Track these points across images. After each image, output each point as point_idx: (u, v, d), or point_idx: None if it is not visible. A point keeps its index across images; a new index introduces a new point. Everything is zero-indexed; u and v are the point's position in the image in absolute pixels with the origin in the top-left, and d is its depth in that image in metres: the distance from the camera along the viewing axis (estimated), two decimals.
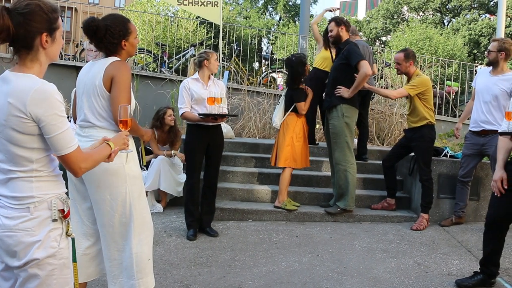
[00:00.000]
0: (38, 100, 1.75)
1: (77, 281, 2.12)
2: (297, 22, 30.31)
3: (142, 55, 11.83)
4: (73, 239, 1.99)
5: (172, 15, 18.11)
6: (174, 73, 10.54)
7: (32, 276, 1.81)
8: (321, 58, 6.72)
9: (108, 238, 2.85)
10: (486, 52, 5.17)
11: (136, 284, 2.87)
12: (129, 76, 2.80)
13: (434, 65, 12.38)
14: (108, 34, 2.75)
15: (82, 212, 2.92)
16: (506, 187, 3.50)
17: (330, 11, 7.31)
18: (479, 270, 3.82)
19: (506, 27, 24.83)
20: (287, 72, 5.67)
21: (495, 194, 3.58)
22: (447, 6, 30.54)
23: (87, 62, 4.67)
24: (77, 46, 10.00)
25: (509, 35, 24.73)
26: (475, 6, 29.31)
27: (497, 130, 3.92)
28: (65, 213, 1.89)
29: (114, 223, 2.82)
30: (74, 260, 2.02)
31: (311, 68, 6.16)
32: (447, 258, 4.49)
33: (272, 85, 11.23)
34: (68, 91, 4.48)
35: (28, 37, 1.80)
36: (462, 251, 4.71)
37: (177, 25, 14.70)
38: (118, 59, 2.81)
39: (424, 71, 11.05)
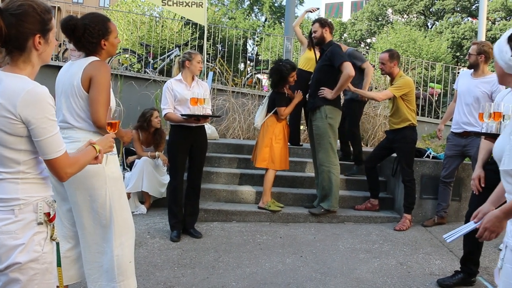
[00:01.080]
0: (29, 102, 1.71)
1: (62, 285, 2.08)
2: (282, 24, 30.37)
3: (126, 55, 11.75)
4: (57, 243, 1.94)
5: (157, 15, 18.03)
6: (158, 74, 10.49)
7: (13, 281, 1.76)
8: (305, 59, 6.74)
9: (88, 241, 2.82)
10: (467, 55, 5.24)
11: (117, 287, 2.84)
12: (109, 76, 2.76)
13: (418, 67, 12.50)
14: (87, 33, 2.71)
15: (62, 214, 2.88)
16: (483, 185, 3.56)
17: (311, 11, 7.36)
18: (459, 269, 3.88)
19: (488, 30, 25.21)
20: (270, 77, 5.67)
21: (474, 192, 3.65)
22: (430, 9, 30.89)
23: None
24: (60, 45, 9.86)
25: (490, 39, 25.09)
26: (458, 9, 29.70)
27: (479, 132, 3.97)
28: (51, 216, 1.85)
29: (94, 226, 2.79)
30: (59, 264, 1.98)
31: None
32: (429, 258, 4.53)
33: (257, 86, 11.24)
34: (51, 92, 4.41)
35: (21, 38, 1.76)
36: (444, 250, 4.75)
37: (162, 26, 14.62)
38: (97, 59, 2.77)
39: (408, 73, 11.16)
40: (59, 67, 2.95)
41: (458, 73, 12.96)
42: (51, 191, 1.90)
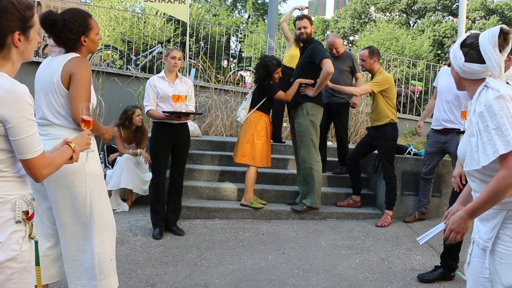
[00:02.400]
0: (8, 101, 1.67)
1: (40, 284, 2.05)
2: (266, 21, 30.35)
3: (108, 52, 11.63)
4: (36, 242, 1.90)
5: (140, 11, 17.88)
6: (140, 71, 10.40)
7: None
8: (289, 56, 6.76)
9: (69, 239, 2.79)
10: (447, 53, 5.30)
11: (98, 285, 2.82)
12: (89, 73, 2.73)
13: (400, 65, 12.61)
14: (66, 29, 2.66)
15: (42, 212, 2.84)
16: (464, 182, 3.61)
17: (299, 9, 7.36)
18: (439, 264, 3.93)
19: (468, 29, 25.52)
20: (256, 72, 5.65)
21: (455, 189, 3.69)
22: (412, 8, 31.16)
23: None
24: (40, 41, 9.70)
25: None
26: (439, 8, 30.02)
27: (459, 129, 4.03)
28: (29, 215, 1.81)
29: (75, 224, 2.76)
30: (37, 263, 1.94)
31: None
32: (410, 254, 4.58)
33: (240, 83, 11.22)
34: (31, 88, 4.36)
35: (0, 35, 1.73)
36: (425, 246, 4.81)
37: (144, 22, 14.49)
38: (78, 55, 2.72)
39: (390, 71, 11.25)
40: (39, 63, 2.90)
41: (439, 70, 13.12)
42: (29, 189, 1.87)
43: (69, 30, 2.67)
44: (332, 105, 6.12)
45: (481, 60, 2.00)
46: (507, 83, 2.06)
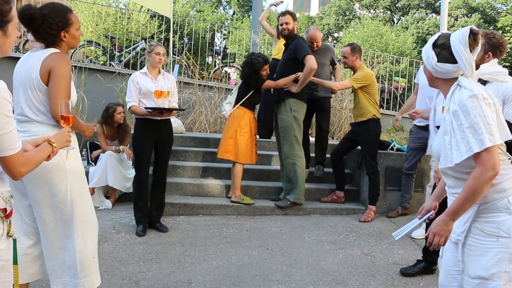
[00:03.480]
0: None
1: (17, 283, 2.02)
2: (251, 17, 30.28)
3: (91, 48, 11.51)
4: (14, 240, 1.86)
5: (123, 7, 17.71)
6: (124, 67, 10.32)
7: None
8: (278, 49, 6.79)
9: (50, 236, 2.75)
10: None
11: (80, 283, 2.79)
12: (69, 69, 2.68)
13: (384, 61, 12.68)
14: (45, 24, 2.60)
15: (22, 210, 2.79)
16: None
17: (275, 5, 7.38)
18: (421, 259, 3.98)
19: (451, 26, 25.80)
20: (242, 70, 5.64)
21: (436, 184, 3.74)
22: (396, 5, 31.37)
23: None
24: (20, 36, 9.54)
25: None
26: (423, 5, 30.26)
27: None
28: (7, 212, 1.78)
29: (56, 221, 2.72)
30: (15, 262, 1.90)
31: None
32: (393, 248, 4.62)
33: (224, 79, 11.19)
34: (10, 84, 4.30)
35: None
36: (407, 241, 4.86)
37: (128, 18, 14.36)
38: (57, 51, 2.67)
39: (374, 67, 11.31)
40: (19, 59, 2.84)
41: (421, 67, 13.23)
42: (7, 187, 1.83)
43: (48, 25, 2.61)
44: (314, 100, 6.12)
45: (453, 60, 2.05)
46: (482, 82, 2.11)
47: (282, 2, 7.65)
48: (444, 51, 2.08)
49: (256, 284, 3.64)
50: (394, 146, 6.13)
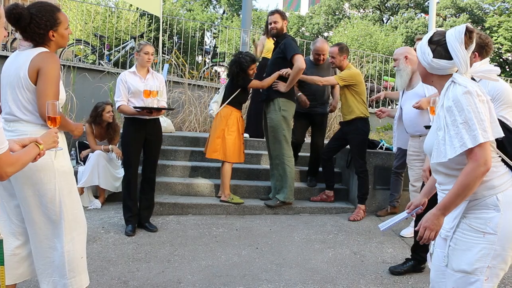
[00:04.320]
0: None
1: (3, 284, 2.00)
2: (241, 16, 30.22)
3: (80, 47, 11.43)
4: (1, 241, 1.85)
5: (113, 5, 17.59)
6: (113, 66, 10.26)
7: None
8: (267, 49, 6.81)
9: (39, 236, 2.73)
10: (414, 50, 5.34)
11: (68, 284, 2.77)
12: (57, 68, 2.66)
13: (374, 60, 12.74)
14: (33, 23, 2.58)
15: (10, 211, 2.77)
16: None
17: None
18: (410, 257, 4.00)
19: (439, 26, 25.97)
20: (229, 69, 5.63)
21: (425, 183, 3.77)
22: (386, 4, 31.53)
23: None
24: (9, 35, 9.44)
25: None
26: (412, 5, 30.44)
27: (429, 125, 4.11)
28: None
29: (44, 221, 2.70)
30: (2, 263, 1.89)
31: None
32: (382, 247, 4.65)
33: (214, 78, 11.18)
34: None
35: None
36: (396, 239, 4.89)
37: (118, 17, 14.28)
38: (46, 50, 2.65)
39: (363, 66, 11.35)
40: (7, 58, 2.81)
41: None
42: None
43: (36, 25, 2.59)
44: (312, 115, 6.08)
45: (449, 57, 2.08)
46: (472, 78, 2.13)
47: None
48: (439, 48, 2.11)
49: (245, 284, 3.64)
50: (383, 145, 6.16)
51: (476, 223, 2.03)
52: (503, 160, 2.11)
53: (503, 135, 2.05)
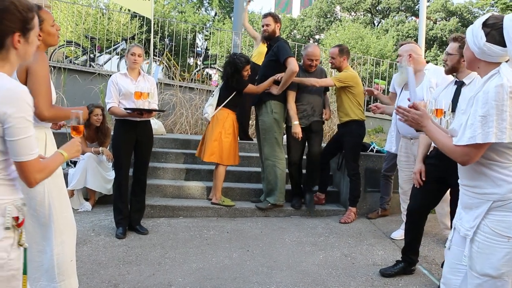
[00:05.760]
0: (10, 100, 1.64)
1: None
2: (232, 18, 30.16)
3: (71, 48, 11.37)
4: (25, 249, 1.83)
5: (104, 7, 17.53)
6: (103, 67, 10.21)
7: None
8: (258, 53, 6.80)
9: (28, 240, 2.71)
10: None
11: (57, 287, 2.76)
12: (47, 66, 2.64)
13: (365, 63, 12.79)
14: None
15: None
16: (424, 179, 3.71)
17: (246, 2, 7.40)
18: (400, 259, 4.02)
19: (430, 29, 26.16)
20: (224, 70, 5.62)
21: (415, 186, 3.79)
22: (377, 8, 31.68)
23: None
24: None
25: (433, 37, 26.12)
26: (403, 8, 30.64)
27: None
28: (20, 221, 1.75)
29: (33, 224, 2.69)
30: (25, 272, 1.86)
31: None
32: (372, 249, 4.66)
33: (205, 80, 11.17)
34: None
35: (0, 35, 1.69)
36: (387, 241, 4.91)
37: (109, 18, 14.23)
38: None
39: (355, 69, 11.39)
40: None
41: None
42: (20, 194, 1.81)
43: None
44: (309, 124, 5.75)
45: (503, 43, 1.97)
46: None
47: (252, 0, 7.73)
48: (494, 32, 1.99)
49: (236, 286, 3.64)
50: (374, 147, 6.18)
51: (500, 227, 1.97)
52: None
53: None
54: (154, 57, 9.94)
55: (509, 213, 1.97)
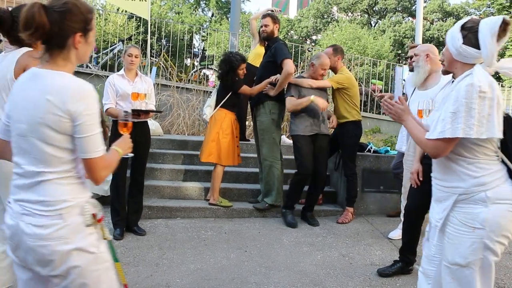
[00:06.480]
0: (80, 98, 1.67)
1: (124, 279, 2.03)
2: (229, 19, 30.12)
3: None
4: (110, 241, 1.89)
5: (100, 8, 17.51)
6: (101, 68, 10.20)
7: (80, 286, 1.74)
8: (255, 54, 6.78)
9: None
10: (406, 53, 5.31)
11: None
12: None
13: (362, 64, 12.82)
14: (15, 27, 2.56)
15: None
16: (421, 178, 3.71)
17: (272, 11, 7.36)
18: (398, 259, 4.02)
19: (427, 30, 26.25)
20: (219, 68, 5.61)
21: (413, 186, 3.79)
22: (374, 8, 31.76)
23: None
24: None
25: (429, 38, 26.18)
26: (399, 9, 30.72)
27: None
28: (98, 217, 1.79)
29: None
30: (116, 260, 1.93)
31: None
32: (370, 249, 4.66)
33: (202, 81, 11.17)
34: None
35: (63, 36, 1.72)
36: (385, 241, 4.91)
37: (106, 19, 14.21)
38: (30, 49, 2.64)
39: (352, 70, 11.41)
40: None
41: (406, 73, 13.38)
42: (90, 192, 1.83)
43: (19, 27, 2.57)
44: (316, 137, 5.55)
45: (478, 46, 2.09)
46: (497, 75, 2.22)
47: (280, 11, 7.69)
48: (470, 35, 2.12)
49: (234, 287, 3.63)
50: (371, 148, 6.19)
51: (466, 218, 2.12)
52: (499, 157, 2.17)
53: (497, 136, 2.08)
54: (151, 58, 9.93)
55: (473, 206, 2.12)
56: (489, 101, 2.02)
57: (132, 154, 2.46)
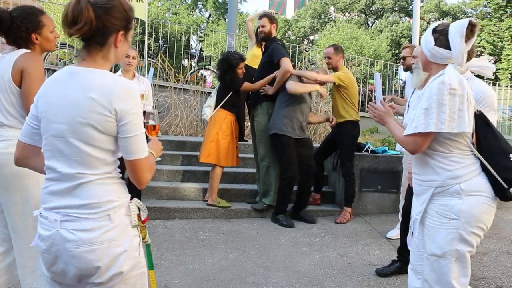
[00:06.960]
0: (126, 96, 1.62)
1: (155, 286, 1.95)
2: (227, 20, 30.11)
3: (65, 51, 11.32)
4: (148, 245, 1.83)
5: None
6: None
7: None
8: (252, 55, 6.78)
9: (20, 245, 2.67)
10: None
11: None
12: (41, 67, 2.62)
13: (359, 64, 12.83)
14: (14, 26, 2.55)
15: None
16: None
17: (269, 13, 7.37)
18: (396, 259, 4.02)
19: (423, 30, 26.26)
20: (218, 68, 5.61)
21: (411, 185, 3.79)
22: (371, 8, 31.81)
23: None
24: None
25: None
26: (396, 9, 30.77)
27: None
28: (143, 219, 1.75)
29: (26, 229, 2.65)
30: (151, 267, 1.87)
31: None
32: (368, 249, 4.67)
33: (200, 82, 11.17)
34: None
35: (105, 33, 1.68)
36: (383, 241, 4.92)
37: None
38: (28, 51, 2.63)
39: (349, 69, 11.43)
40: None
41: (397, 70, 13.43)
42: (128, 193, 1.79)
43: (17, 28, 2.55)
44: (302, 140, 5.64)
45: (449, 47, 2.23)
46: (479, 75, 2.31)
47: (277, 13, 7.70)
48: (442, 37, 2.26)
49: (233, 287, 3.64)
50: (369, 148, 6.19)
51: (443, 210, 2.24)
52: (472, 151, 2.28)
53: (467, 130, 2.19)
54: (149, 59, 9.92)
55: (449, 198, 2.23)
56: (460, 98, 2.14)
57: (160, 158, 2.45)
